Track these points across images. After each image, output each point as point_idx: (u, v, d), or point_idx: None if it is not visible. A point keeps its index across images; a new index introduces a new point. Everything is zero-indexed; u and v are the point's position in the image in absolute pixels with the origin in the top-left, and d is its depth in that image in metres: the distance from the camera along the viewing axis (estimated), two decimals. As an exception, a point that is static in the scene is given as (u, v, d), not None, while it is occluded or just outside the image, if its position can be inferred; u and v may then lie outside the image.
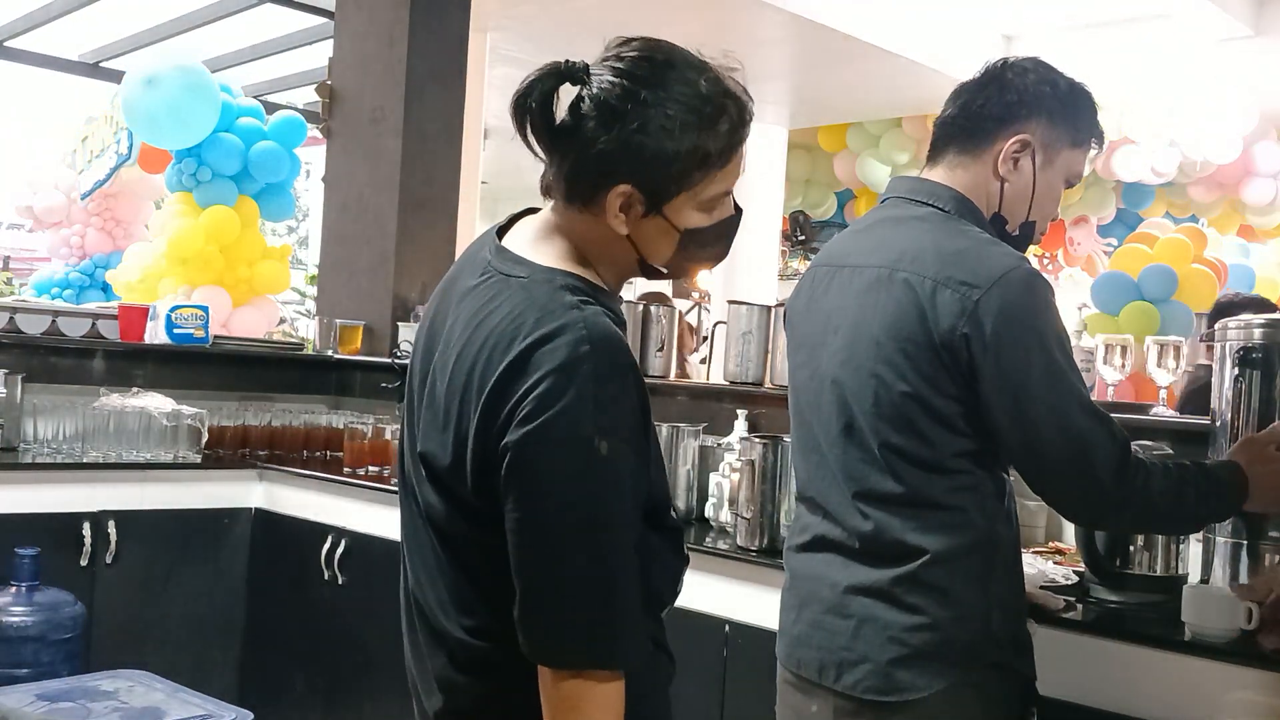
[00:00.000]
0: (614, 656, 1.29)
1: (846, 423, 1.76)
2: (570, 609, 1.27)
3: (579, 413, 1.25)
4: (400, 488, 1.49)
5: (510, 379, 1.27)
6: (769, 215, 8.28)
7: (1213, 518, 1.94)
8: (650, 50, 1.35)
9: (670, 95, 1.32)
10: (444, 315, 1.42)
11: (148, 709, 2.75)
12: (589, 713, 1.27)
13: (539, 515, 1.27)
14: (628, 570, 1.29)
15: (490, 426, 1.28)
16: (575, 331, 1.28)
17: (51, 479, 3.58)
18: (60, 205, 7.39)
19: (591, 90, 1.33)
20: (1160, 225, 7.73)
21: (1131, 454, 1.69)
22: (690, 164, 1.34)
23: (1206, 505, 1.79)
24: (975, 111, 1.83)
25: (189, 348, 4.19)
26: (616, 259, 1.41)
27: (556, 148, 1.36)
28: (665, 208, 1.36)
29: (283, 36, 7.51)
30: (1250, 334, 2.06)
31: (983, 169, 1.82)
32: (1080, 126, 1.85)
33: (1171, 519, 1.82)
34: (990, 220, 1.83)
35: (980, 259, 1.69)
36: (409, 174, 4.59)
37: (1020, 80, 1.82)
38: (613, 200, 1.34)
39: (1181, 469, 1.75)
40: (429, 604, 1.42)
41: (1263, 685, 1.83)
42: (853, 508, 1.76)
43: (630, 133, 1.31)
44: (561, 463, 1.26)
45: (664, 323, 3.48)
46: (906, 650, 1.69)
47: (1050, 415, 1.66)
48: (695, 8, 5.93)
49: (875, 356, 1.72)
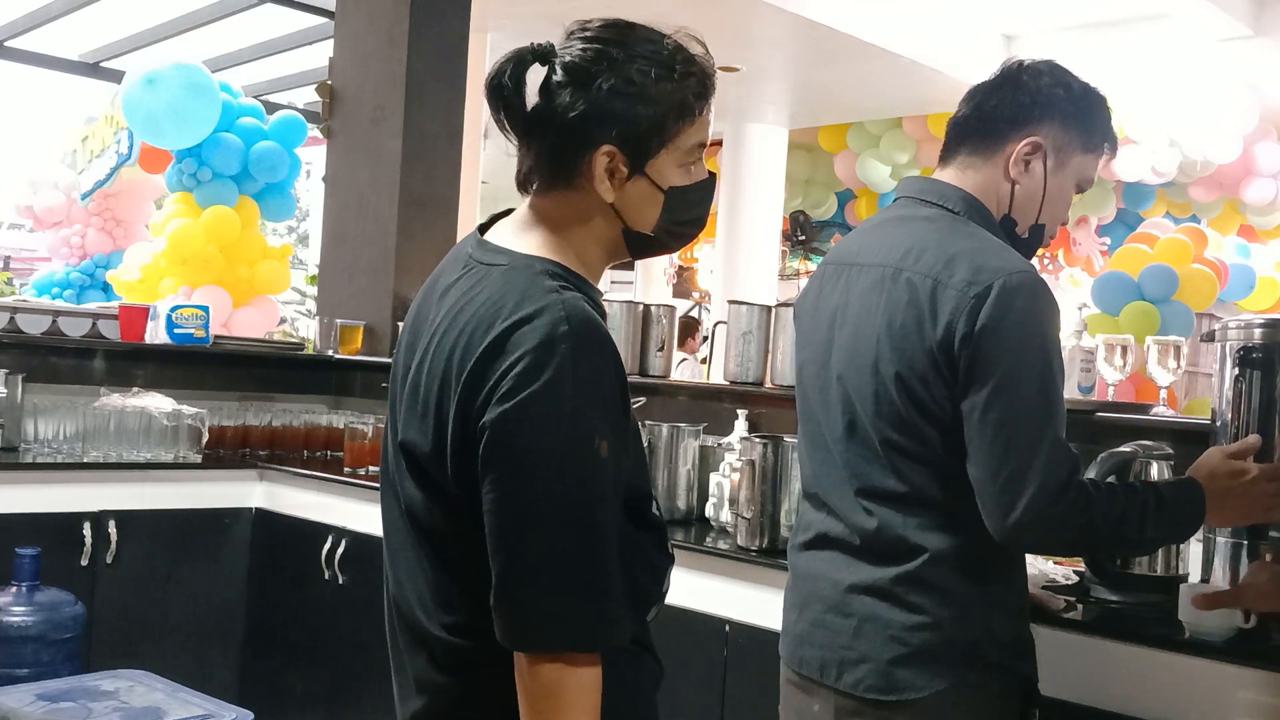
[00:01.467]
0: (594, 637, 1.28)
1: (850, 420, 1.77)
2: (548, 589, 1.26)
3: (557, 390, 1.26)
4: (382, 486, 1.49)
5: (489, 359, 1.28)
6: (769, 215, 8.28)
7: (1170, 537, 1.89)
8: (612, 21, 1.40)
9: (639, 52, 1.37)
10: (426, 310, 1.43)
11: (148, 709, 2.75)
12: (567, 698, 1.26)
13: (517, 493, 1.27)
14: (607, 549, 1.28)
15: (470, 407, 1.29)
16: (554, 313, 1.28)
17: (52, 479, 3.58)
18: (60, 205, 7.40)
19: (563, 60, 1.36)
20: (1160, 225, 7.74)
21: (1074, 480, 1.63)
22: (667, 113, 1.37)
23: (1158, 526, 1.71)
24: (988, 112, 1.83)
25: (189, 347, 4.19)
26: (601, 236, 1.42)
27: (533, 128, 1.38)
28: (648, 167, 1.39)
29: (283, 36, 7.52)
30: (1250, 334, 2.06)
31: (994, 170, 1.82)
32: (1093, 131, 1.84)
33: (1115, 541, 1.76)
34: (1000, 222, 1.82)
35: (984, 260, 1.68)
36: (409, 174, 4.59)
37: (1034, 82, 1.81)
38: (598, 163, 1.36)
39: (1130, 492, 1.70)
40: (409, 604, 1.41)
41: (1263, 685, 1.83)
42: (856, 504, 1.76)
43: (606, 91, 1.34)
44: (540, 440, 1.26)
45: (664, 323, 3.48)
46: (907, 649, 1.69)
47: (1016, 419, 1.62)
48: (695, 8, 5.93)
49: (877, 354, 1.72)
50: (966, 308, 1.64)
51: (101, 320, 4.11)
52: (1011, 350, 1.64)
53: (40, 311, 4.02)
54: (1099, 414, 2.59)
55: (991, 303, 1.63)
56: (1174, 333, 4.77)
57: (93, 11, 7.22)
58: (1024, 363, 1.64)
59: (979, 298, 1.64)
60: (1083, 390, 2.73)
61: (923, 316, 1.68)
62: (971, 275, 1.66)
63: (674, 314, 3.59)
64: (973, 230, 1.77)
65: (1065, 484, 1.62)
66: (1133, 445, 2.16)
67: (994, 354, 1.63)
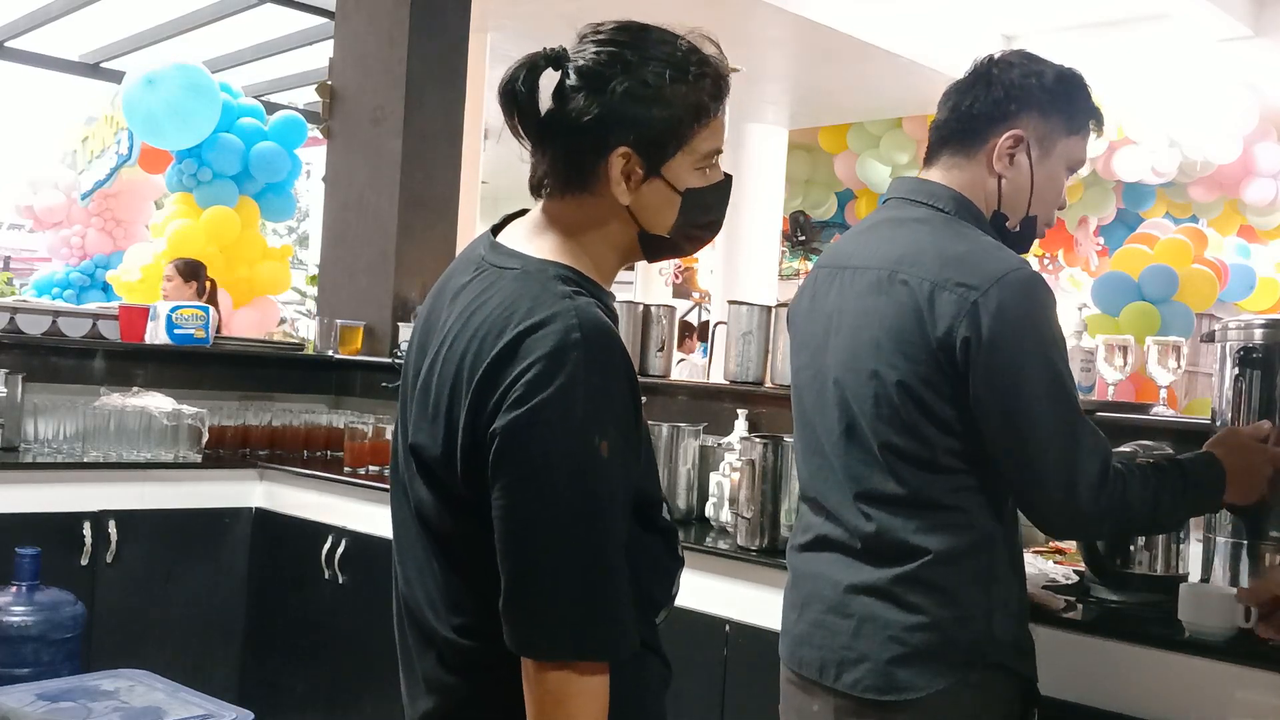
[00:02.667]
0: (602, 646, 1.27)
1: (848, 424, 1.76)
2: (557, 597, 1.26)
3: (569, 398, 1.25)
4: (392, 486, 1.48)
5: (500, 365, 1.28)
6: (769, 215, 8.28)
7: (1193, 513, 1.97)
8: (625, 23, 1.39)
9: (653, 55, 1.36)
10: (438, 313, 1.42)
11: (148, 709, 2.75)
12: (573, 705, 1.26)
13: (526, 499, 1.26)
14: (616, 558, 1.28)
15: (480, 413, 1.28)
16: (567, 319, 1.28)
17: (52, 479, 3.58)
18: (60, 205, 7.40)
19: (576, 64, 1.35)
20: (1160, 226, 7.74)
21: (1111, 466, 1.68)
22: (683, 115, 1.36)
23: (1184, 504, 1.81)
24: (965, 112, 1.83)
25: (189, 348, 4.19)
26: (615, 239, 1.42)
27: (547, 132, 1.37)
28: (664, 169, 1.38)
29: (283, 36, 7.52)
30: (1250, 334, 2.06)
31: (978, 168, 1.82)
32: (1075, 113, 1.83)
33: (1149, 523, 1.85)
34: (991, 218, 1.82)
35: (980, 261, 1.69)
36: (409, 174, 4.59)
37: (1006, 75, 1.81)
38: (615, 166, 1.36)
39: (1158, 473, 1.75)
40: (418, 604, 1.41)
41: (1264, 685, 1.83)
42: (855, 509, 1.76)
43: (622, 93, 1.33)
44: (550, 447, 1.25)
45: (664, 323, 3.48)
46: (906, 650, 1.69)
47: (1043, 420, 1.66)
48: (695, 8, 5.92)
49: (875, 358, 1.72)
50: (967, 311, 1.64)
51: (101, 320, 4.11)
52: (1024, 352, 1.65)
53: (40, 312, 4.02)
54: (1099, 414, 2.59)
55: (992, 306, 1.64)
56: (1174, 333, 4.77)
57: (93, 11, 7.22)
58: (1037, 362, 1.66)
59: (978, 303, 1.64)
60: (1083, 390, 2.73)
61: (922, 320, 1.68)
62: (969, 277, 1.66)
63: (674, 314, 3.59)
64: (966, 231, 1.77)
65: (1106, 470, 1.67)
66: (1133, 445, 2.16)
67: (1005, 359, 1.64)
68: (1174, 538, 2.14)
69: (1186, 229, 7.58)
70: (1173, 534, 2.14)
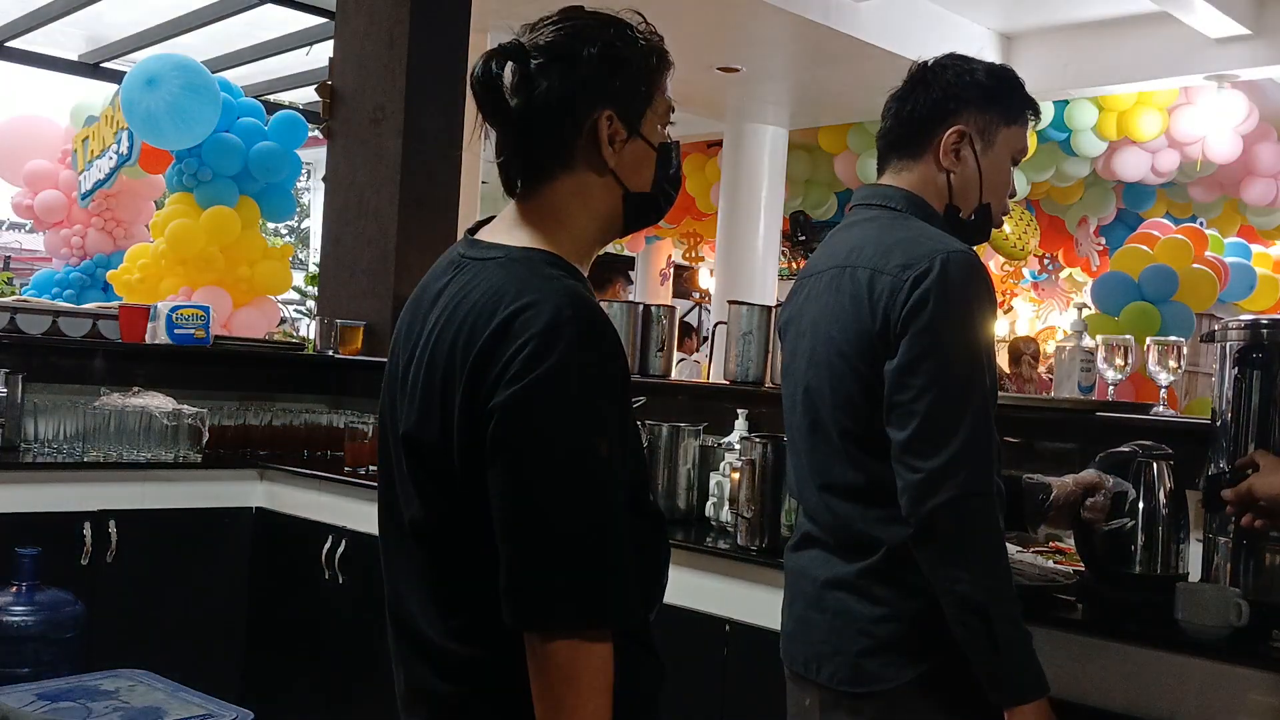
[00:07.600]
0: (606, 612, 1.27)
1: (813, 419, 1.83)
2: (561, 565, 1.26)
3: (565, 373, 1.26)
4: (380, 495, 1.48)
5: (495, 345, 1.29)
6: (769, 215, 8.27)
7: (1000, 632, 1.66)
8: (565, 7, 1.46)
9: (606, 23, 1.43)
10: (417, 319, 1.43)
11: (148, 709, 2.75)
12: (582, 679, 1.25)
13: (529, 473, 1.27)
14: (618, 526, 1.29)
15: (477, 393, 1.29)
16: (558, 299, 1.30)
17: (52, 479, 3.58)
18: (60, 205, 7.39)
19: (539, 44, 1.40)
20: (1161, 226, 7.73)
21: (983, 489, 1.63)
22: (647, 71, 1.43)
23: (1009, 622, 1.65)
24: (907, 117, 1.91)
25: (190, 348, 4.19)
26: (598, 207, 1.44)
27: (522, 118, 1.40)
28: (641, 127, 1.43)
29: (283, 36, 7.52)
30: (1250, 334, 2.06)
31: (927, 167, 1.89)
32: (1011, 106, 1.91)
33: (983, 570, 1.66)
34: (945, 212, 1.89)
35: (916, 244, 1.75)
36: (409, 174, 4.59)
37: (942, 77, 1.90)
38: (601, 129, 1.40)
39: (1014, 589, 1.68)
40: (409, 614, 1.41)
41: (1263, 685, 1.84)
42: (820, 501, 1.83)
43: (596, 57, 1.39)
44: (550, 419, 1.26)
45: (664, 323, 3.48)
46: (873, 642, 1.74)
47: (949, 385, 1.65)
48: (695, 8, 5.93)
49: (830, 350, 1.80)
50: (903, 288, 1.70)
51: (102, 320, 4.11)
52: (945, 319, 1.67)
53: (40, 311, 4.02)
54: (1099, 414, 2.60)
55: (926, 280, 1.68)
56: (1174, 333, 4.76)
57: (93, 11, 7.23)
58: (955, 332, 1.68)
59: (915, 280, 1.69)
60: (1083, 390, 2.73)
61: (862, 303, 1.74)
62: (906, 260, 1.72)
63: (674, 314, 3.59)
64: (910, 223, 1.83)
65: (978, 471, 1.64)
66: (1132, 445, 2.16)
67: (925, 323, 1.67)
68: (1174, 538, 2.14)
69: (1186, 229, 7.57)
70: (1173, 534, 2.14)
